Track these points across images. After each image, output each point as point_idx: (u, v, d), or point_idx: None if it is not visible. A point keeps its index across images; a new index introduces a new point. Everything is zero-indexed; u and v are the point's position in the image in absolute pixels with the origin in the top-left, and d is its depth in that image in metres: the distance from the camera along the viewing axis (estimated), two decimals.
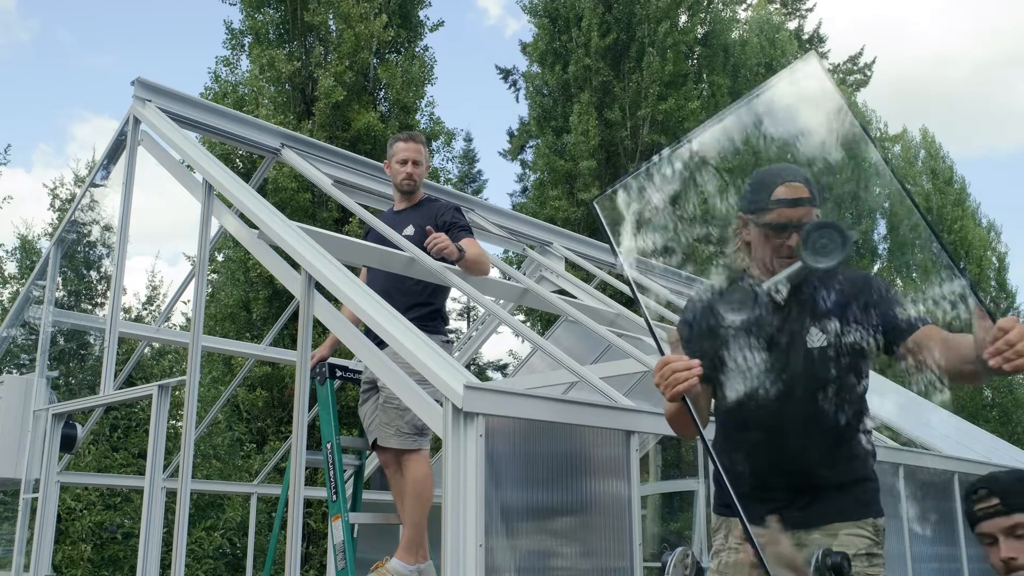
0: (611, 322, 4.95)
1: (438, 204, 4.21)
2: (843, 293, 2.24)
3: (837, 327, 2.20)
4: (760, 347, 2.22)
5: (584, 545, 3.06)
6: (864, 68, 26.50)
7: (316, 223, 11.60)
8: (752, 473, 2.19)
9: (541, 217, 12.63)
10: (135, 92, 4.50)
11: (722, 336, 2.25)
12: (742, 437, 2.27)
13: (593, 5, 16.92)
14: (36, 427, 5.05)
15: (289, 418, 11.62)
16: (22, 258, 14.42)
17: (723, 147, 2.19)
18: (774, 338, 2.23)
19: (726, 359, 2.22)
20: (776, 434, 2.20)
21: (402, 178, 4.16)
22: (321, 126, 12.87)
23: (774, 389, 2.19)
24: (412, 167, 4.15)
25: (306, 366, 3.48)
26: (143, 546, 4.26)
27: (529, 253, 6.04)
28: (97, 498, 11.12)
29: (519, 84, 21.08)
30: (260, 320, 12.54)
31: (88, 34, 35.53)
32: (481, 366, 20.85)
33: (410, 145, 4.17)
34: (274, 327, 6.44)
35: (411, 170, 4.15)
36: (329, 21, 13.65)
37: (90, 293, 13.91)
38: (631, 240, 2.19)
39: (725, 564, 2.30)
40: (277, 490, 6.79)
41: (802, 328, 2.22)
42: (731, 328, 2.25)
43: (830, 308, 2.22)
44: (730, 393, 2.26)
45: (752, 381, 2.22)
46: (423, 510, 3.70)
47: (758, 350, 2.22)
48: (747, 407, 2.22)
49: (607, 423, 3.17)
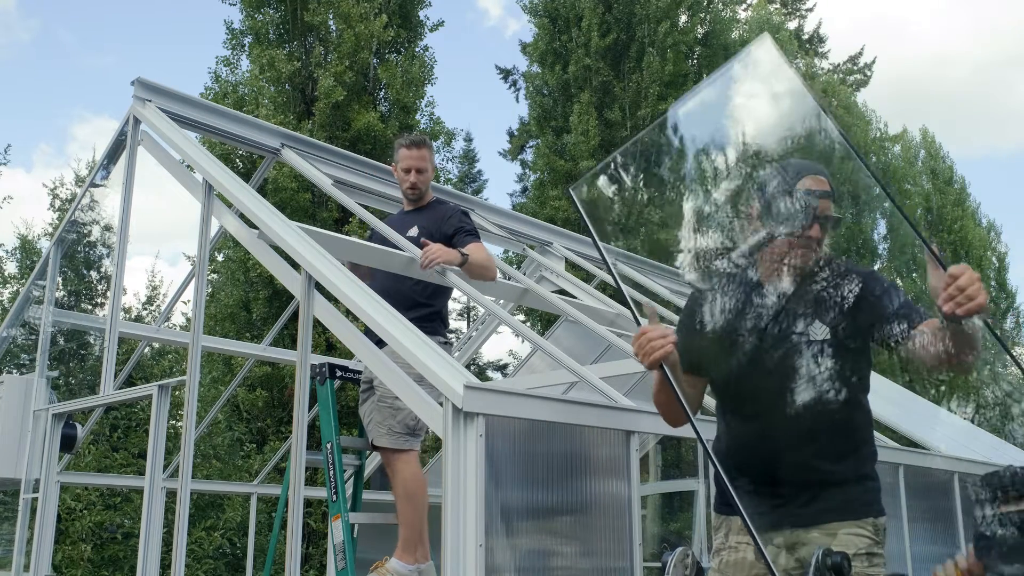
0: (611, 322, 4.95)
1: (445, 208, 4.18)
2: (846, 288, 2.24)
3: (839, 321, 2.21)
4: (761, 340, 2.23)
5: (584, 545, 3.06)
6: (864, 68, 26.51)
7: (316, 223, 11.59)
8: (754, 468, 2.20)
9: (541, 217, 12.63)
10: (135, 92, 4.50)
11: (724, 330, 2.26)
12: (744, 432, 2.27)
13: (593, 5, 16.92)
14: (36, 427, 5.05)
15: (289, 418, 11.62)
16: (22, 258, 14.42)
17: (691, 131, 2.22)
18: (775, 331, 2.24)
19: (727, 352, 2.23)
20: (778, 427, 2.20)
21: (407, 186, 4.16)
22: (321, 126, 12.87)
23: (775, 382, 2.20)
24: (416, 175, 4.13)
25: (306, 366, 3.48)
26: (143, 546, 4.26)
27: (529, 253, 6.04)
28: (97, 498, 11.12)
29: (519, 84, 21.09)
30: (260, 320, 12.54)
31: (88, 34, 35.55)
32: (481, 366, 20.85)
33: (413, 152, 4.13)
34: (274, 327, 6.45)
35: (415, 179, 4.13)
36: (329, 21, 13.65)
37: (90, 293, 13.91)
38: (607, 226, 2.21)
39: (726, 563, 2.30)
40: (277, 490, 6.79)
41: (804, 322, 2.23)
42: (733, 322, 2.27)
43: (832, 302, 2.23)
44: (731, 387, 2.27)
45: (753, 374, 2.23)
46: (416, 510, 3.69)
47: (759, 343, 2.23)
48: (749, 400, 2.23)
49: (607, 423, 3.17)
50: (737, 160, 2.32)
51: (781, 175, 2.27)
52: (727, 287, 2.33)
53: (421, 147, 4.16)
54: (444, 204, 4.25)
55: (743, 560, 2.26)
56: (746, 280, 2.32)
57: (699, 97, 2.29)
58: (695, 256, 2.29)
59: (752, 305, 2.27)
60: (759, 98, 2.31)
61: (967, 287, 1.80)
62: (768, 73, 2.26)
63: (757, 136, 2.31)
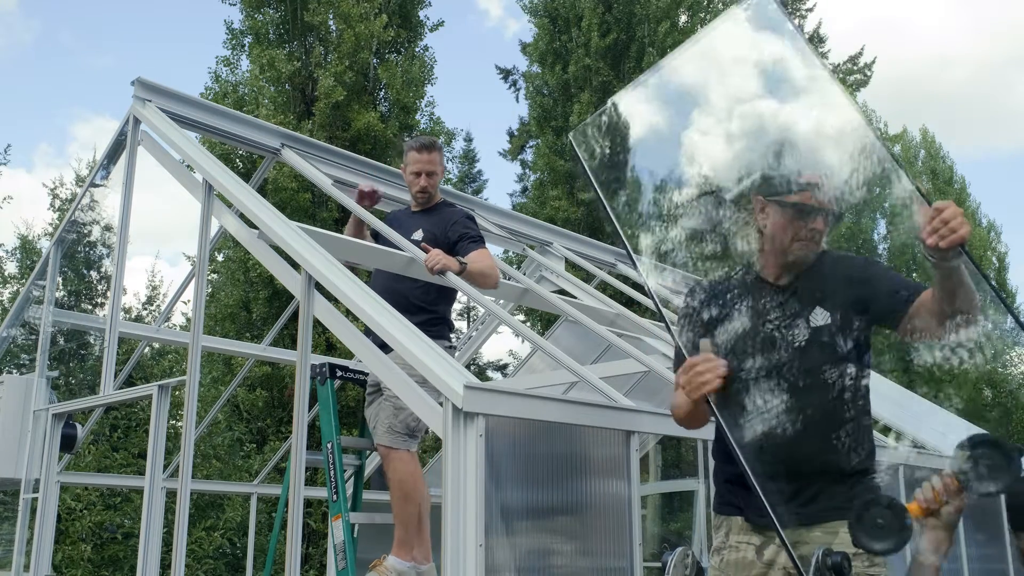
0: (611, 322, 4.95)
1: (451, 212, 4.17)
2: (843, 278, 2.26)
3: (839, 311, 2.22)
4: (761, 335, 2.24)
5: (584, 545, 3.06)
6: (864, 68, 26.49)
7: (316, 223, 11.60)
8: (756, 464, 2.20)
9: (541, 217, 12.63)
10: (135, 92, 4.49)
11: (725, 325, 2.27)
12: (746, 427, 2.27)
13: (593, 5, 16.92)
14: (36, 427, 5.05)
15: (289, 418, 11.63)
16: (22, 258, 14.42)
17: (691, 78, 2.22)
18: (776, 325, 2.24)
19: (728, 347, 2.24)
20: (778, 423, 2.20)
21: (416, 190, 4.15)
22: (321, 126, 12.87)
23: (776, 375, 2.20)
24: (426, 179, 4.12)
25: (306, 366, 3.48)
26: (143, 546, 4.26)
27: (529, 253, 6.04)
28: (97, 498, 11.12)
29: (519, 84, 21.08)
30: (260, 320, 12.55)
31: (89, 35, 35.55)
32: (481, 366, 20.86)
33: (423, 156, 4.12)
34: (274, 327, 6.45)
35: (424, 183, 4.12)
36: (329, 21, 13.65)
37: (90, 293, 13.92)
38: (607, 171, 2.22)
39: (726, 562, 2.30)
40: (277, 490, 6.79)
41: (804, 313, 2.24)
42: (734, 318, 2.27)
43: (831, 294, 2.25)
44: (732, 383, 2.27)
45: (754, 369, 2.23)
46: (412, 508, 3.69)
47: (761, 338, 2.24)
48: (750, 396, 2.23)
49: (607, 423, 3.17)
50: (733, 109, 2.32)
51: (784, 170, 2.28)
52: (728, 283, 2.34)
53: (432, 150, 4.14)
54: (451, 208, 4.24)
55: (743, 559, 2.26)
56: (748, 275, 2.34)
57: (698, 47, 2.29)
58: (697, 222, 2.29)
59: (754, 300, 2.28)
60: (754, 48, 2.32)
61: (950, 220, 1.84)
62: (766, 23, 2.27)
63: (751, 85, 2.31)
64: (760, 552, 2.25)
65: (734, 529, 2.31)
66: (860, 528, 1.80)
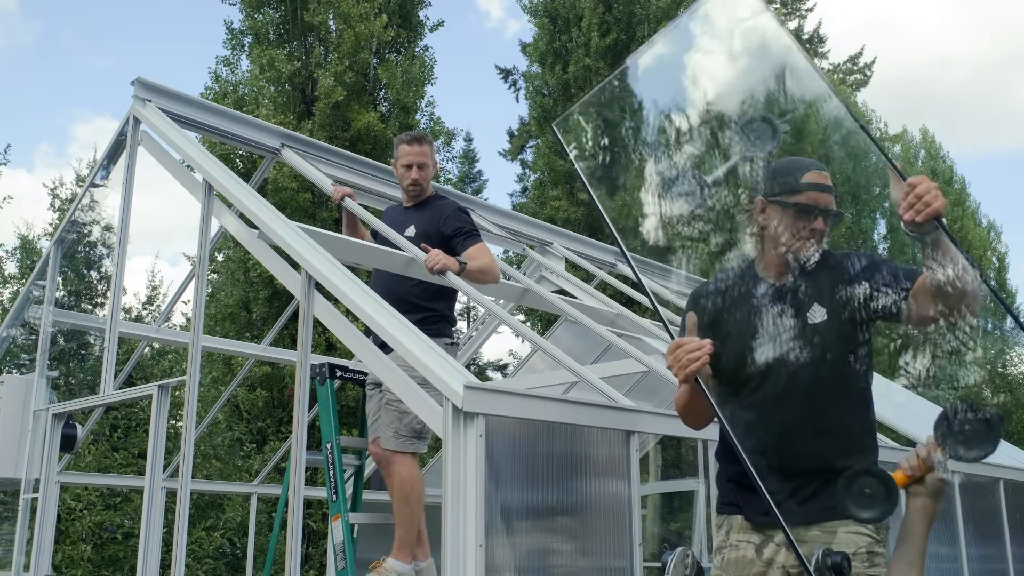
0: (611, 322, 4.95)
1: (443, 205, 4.13)
2: (843, 274, 2.27)
3: (840, 309, 2.23)
4: (762, 334, 2.25)
5: (584, 545, 3.06)
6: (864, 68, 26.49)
7: (316, 223, 11.60)
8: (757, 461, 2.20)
9: (541, 217, 12.63)
10: (135, 92, 4.49)
11: (729, 325, 2.28)
12: (747, 423, 2.27)
13: (593, 5, 16.92)
14: (36, 427, 5.05)
15: (289, 418, 11.62)
16: (22, 258, 14.42)
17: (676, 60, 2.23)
18: (777, 323, 2.25)
19: (731, 347, 2.25)
20: (778, 421, 2.20)
21: (407, 183, 4.11)
22: (321, 126, 12.87)
23: (775, 373, 2.21)
24: (417, 172, 4.09)
25: (306, 366, 3.48)
26: (143, 546, 4.26)
27: (529, 253, 6.04)
28: (97, 498, 11.12)
29: (519, 84, 21.07)
30: (260, 320, 12.54)
31: (89, 35, 35.55)
32: (481, 366, 20.85)
33: (414, 148, 4.10)
34: (274, 327, 6.45)
35: (415, 175, 4.09)
36: (329, 21, 13.65)
37: (90, 293, 13.91)
38: (593, 162, 2.22)
39: (727, 561, 2.30)
40: (277, 490, 6.79)
41: (805, 311, 2.25)
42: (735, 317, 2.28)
43: (831, 292, 2.25)
44: (733, 379, 2.28)
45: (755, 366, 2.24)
46: (413, 510, 3.70)
47: (763, 336, 2.25)
48: (750, 394, 2.23)
49: (607, 423, 3.17)
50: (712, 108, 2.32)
51: (784, 169, 2.29)
52: (729, 283, 2.35)
53: (422, 143, 4.13)
54: (443, 201, 4.20)
55: (743, 558, 2.27)
56: (749, 274, 2.34)
57: (661, 44, 2.30)
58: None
59: (755, 299, 2.29)
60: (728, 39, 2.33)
61: (924, 194, 1.87)
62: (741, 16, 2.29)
63: (727, 78, 2.32)
64: (760, 551, 2.25)
65: (734, 528, 2.32)
66: (848, 497, 1.84)
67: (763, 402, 2.23)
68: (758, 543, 2.26)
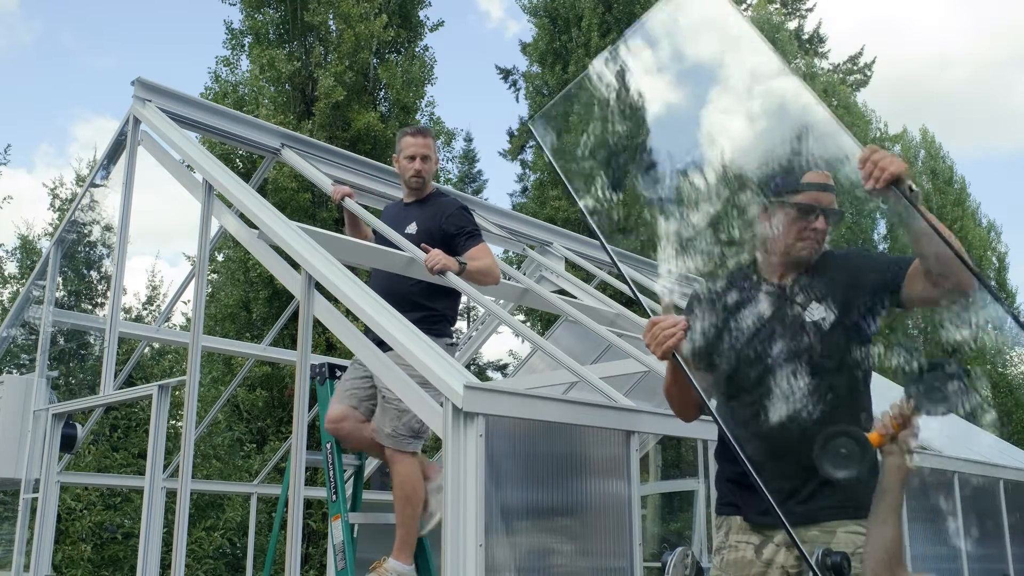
0: (611, 322, 4.95)
1: (444, 203, 4.09)
2: (842, 271, 2.27)
3: (840, 306, 2.24)
4: (762, 332, 2.25)
5: (584, 545, 3.06)
6: (864, 68, 26.52)
7: (316, 223, 11.59)
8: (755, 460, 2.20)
9: (541, 217, 12.63)
10: (135, 92, 4.49)
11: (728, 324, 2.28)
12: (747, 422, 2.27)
13: (593, 5, 16.92)
14: (36, 427, 5.05)
15: (289, 418, 11.62)
16: (22, 258, 14.42)
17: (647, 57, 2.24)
18: (778, 321, 2.25)
19: (731, 347, 2.25)
20: (780, 416, 2.20)
21: (410, 175, 4.06)
22: (321, 126, 12.87)
23: (775, 371, 2.21)
24: (421, 163, 4.04)
25: (306, 366, 3.48)
26: (143, 546, 4.26)
27: (529, 253, 6.04)
28: (97, 498, 11.12)
29: (519, 84, 21.08)
30: (260, 320, 12.54)
31: (89, 35, 35.56)
32: (481, 366, 20.86)
33: (418, 140, 4.06)
34: (274, 327, 6.45)
35: (419, 166, 4.04)
36: (329, 21, 13.64)
37: (90, 293, 13.92)
38: (572, 163, 2.24)
39: (726, 562, 2.30)
40: (277, 490, 6.78)
41: (805, 310, 2.25)
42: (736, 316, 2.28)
43: (831, 290, 2.26)
44: (734, 379, 2.28)
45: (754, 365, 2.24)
46: (414, 510, 3.69)
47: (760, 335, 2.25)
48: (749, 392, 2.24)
49: (607, 423, 3.17)
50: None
51: (785, 171, 2.29)
52: (729, 282, 2.35)
53: (426, 135, 4.10)
54: (445, 198, 4.17)
55: (742, 558, 2.27)
56: (750, 273, 2.35)
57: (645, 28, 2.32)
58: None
59: (756, 298, 2.29)
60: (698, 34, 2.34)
61: (879, 160, 1.90)
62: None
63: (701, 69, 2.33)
64: (759, 551, 2.25)
65: (734, 529, 2.32)
66: (824, 458, 1.90)
67: (763, 401, 2.23)
68: (757, 544, 2.26)
